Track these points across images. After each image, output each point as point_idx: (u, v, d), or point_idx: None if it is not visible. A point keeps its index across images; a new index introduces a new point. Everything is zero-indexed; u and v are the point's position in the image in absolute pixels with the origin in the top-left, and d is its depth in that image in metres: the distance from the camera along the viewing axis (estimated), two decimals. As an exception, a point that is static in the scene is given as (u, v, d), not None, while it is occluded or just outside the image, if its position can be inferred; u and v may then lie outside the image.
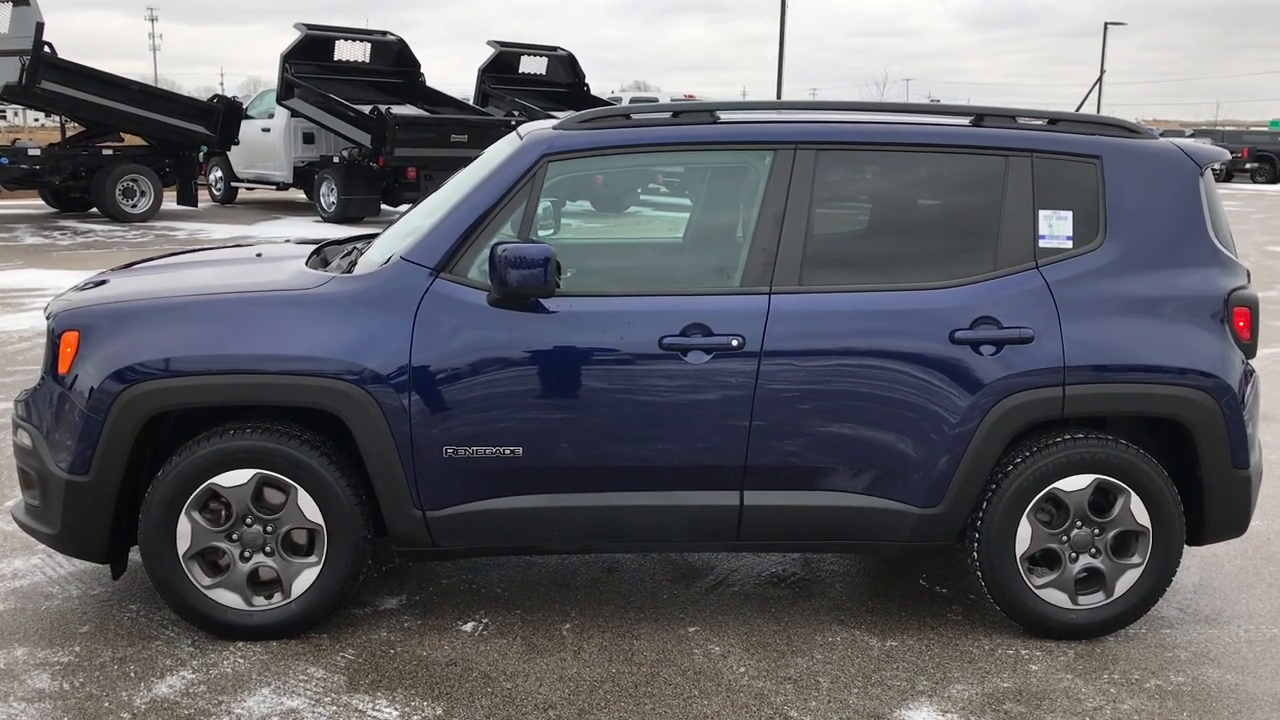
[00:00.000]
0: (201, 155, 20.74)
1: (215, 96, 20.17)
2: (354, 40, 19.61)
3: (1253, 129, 48.92)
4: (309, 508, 3.85)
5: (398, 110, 18.27)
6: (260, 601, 3.91)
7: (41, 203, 20.22)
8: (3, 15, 16.83)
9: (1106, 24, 58.69)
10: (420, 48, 20.42)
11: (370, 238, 4.78)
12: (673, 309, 3.87)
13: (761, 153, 4.04)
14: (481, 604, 4.31)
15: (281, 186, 21.02)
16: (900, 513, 3.95)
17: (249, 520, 3.85)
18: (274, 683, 3.68)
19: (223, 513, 3.86)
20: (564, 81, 22.67)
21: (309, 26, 19.18)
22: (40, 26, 16.37)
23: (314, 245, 4.83)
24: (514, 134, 4.32)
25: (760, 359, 3.83)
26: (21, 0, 16.58)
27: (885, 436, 3.90)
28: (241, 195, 23.03)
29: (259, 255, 4.79)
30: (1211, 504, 4.05)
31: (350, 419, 3.78)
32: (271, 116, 20.30)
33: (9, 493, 5.32)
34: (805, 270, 3.91)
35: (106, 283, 4.35)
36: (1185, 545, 4.09)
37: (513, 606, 4.28)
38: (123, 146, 19.20)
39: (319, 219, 19.11)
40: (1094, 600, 4.05)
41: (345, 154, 18.86)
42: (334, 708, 3.54)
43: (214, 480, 3.81)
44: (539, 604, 4.31)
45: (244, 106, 20.20)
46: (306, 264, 4.33)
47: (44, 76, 16.77)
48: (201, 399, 3.81)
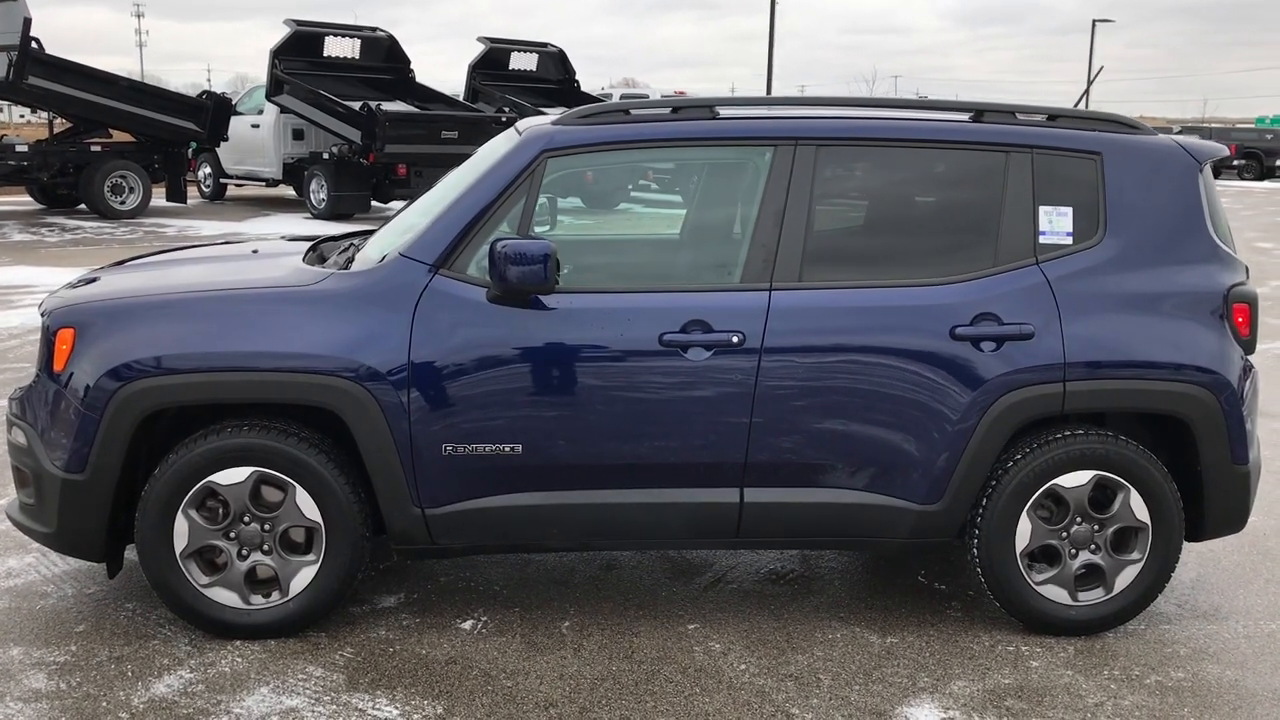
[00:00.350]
0: (190, 151, 20.66)
1: (204, 93, 20.08)
2: (343, 36, 19.54)
3: (1240, 126, 49.07)
4: (307, 506, 3.82)
5: (388, 106, 18.23)
6: (258, 600, 3.89)
7: (29, 199, 20.10)
8: (-11, 11, 16.74)
9: (1095, 21, 58.89)
10: (408, 44, 20.38)
11: (367, 234, 4.76)
12: (673, 305, 3.85)
13: (762, 149, 4.02)
14: (480, 602, 4.29)
15: (271, 183, 20.94)
16: (900, 509, 3.95)
17: (247, 518, 3.83)
18: (273, 682, 3.66)
19: (220, 511, 3.84)
20: (554, 78, 22.65)
21: (298, 23, 19.11)
22: (28, 22, 16.28)
23: (310, 241, 4.80)
24: (512, 130, 4.31)
25: (761, 355, 3.82)
26: (8, -4, 16.50)
27: (886, 433, 3.89)
28: (231, 192, 22.94)
29: (255, 252, 4.76)
30: (1211, 500, 4.05)
31: (349, 416, 3.75)
32: (261, 113, 20.21)
33: (3, 491, 5.27)
34: (806, 266, 3.90)
35: (98, 280, 4.31)
36: (1184, 541, 4.09)
37: (512, 604, 4.27)
38: (111, 143, 19.09)
39: (309, 215, 19.05)
40: (1094, 596, 4.05)
41: (335, 150, 18.80)
42: (334, 707, 3.52)
43: (211, 478, 3.78)
44: (538, 602, 4.30)
45: (233, 103, 20.11)
46: (303, 260, 4.31)
47: (31, 72, 16.69)
48: (199, 396, 3.78)
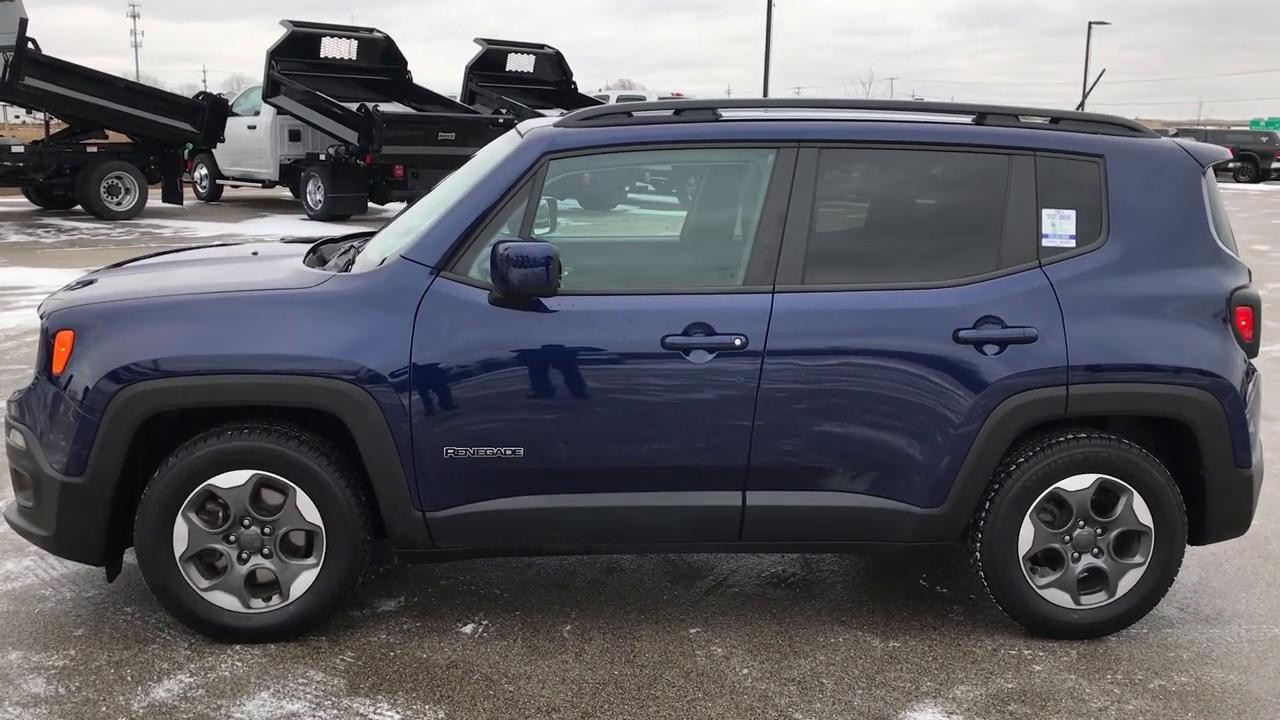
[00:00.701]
0: (187, 153, 20.62)
1: (201, 93, 20.03)
2: (340, 37, 19.51)
3: (1235, 128, 49.15)
4: (307, 509, 3.80)
5: (385, 108, 18.20)
6: (258, 604, 3.87)
7: (25, 200, 20.05)
8: (-14, 12, 16.70)
9: (1091, 24, 58.92)
10: (404, 45, 20.33)
11: (367, 236, 4.74)
12: (675, 308, 3.84)
13: (764, 151, 4.01)
14: (481, 605, 4.27)
15: (267, 184, 20.91)
16: (903, 513, 3.94)
17: (247, 522, 3.81)
18: (273, 686, 3.64)
19: (220, 514, 3.82)
20: (551, 79, 22.63)
21: (295, 24, 19.07)
22: (24, 23, 16.25)
23: (310, 243, 4.78)
24: (513, 132, 4.29)
25: (763, 358, 3.81)
26: (5, -3, 16.46)
27: (888, 436, 3.88)
28: (227, 193, 22.90)
29: (255, 254, 4.74)
30: (1213, 503, 4.05)
31: (349, 419, 3.74)
32: (257, 114, 20.17)
33: (2, 494, 5.26)
34: (808, 269, 3.89)
35: (96, 282, 4.29)
36: (1187, 545, 4.09)
37: (513, 608, 4.25)
38: (107, 144, 19.05)
39: (305, 217, 19.02)
40: (1096, 600, 4.04)
41: (332, 151, 18.78)
42: (334, 711, 3.50)
43: (211, 481, 3.76)
44: (539, 605, 4.28)
45: (229, 104, 20.08)
46: (304, 262, 4.29)
47: (28, 73, 16.65)
48: (199, 399, 3.76)
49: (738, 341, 3.80)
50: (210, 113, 18.87)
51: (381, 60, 20.17)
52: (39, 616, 4.11)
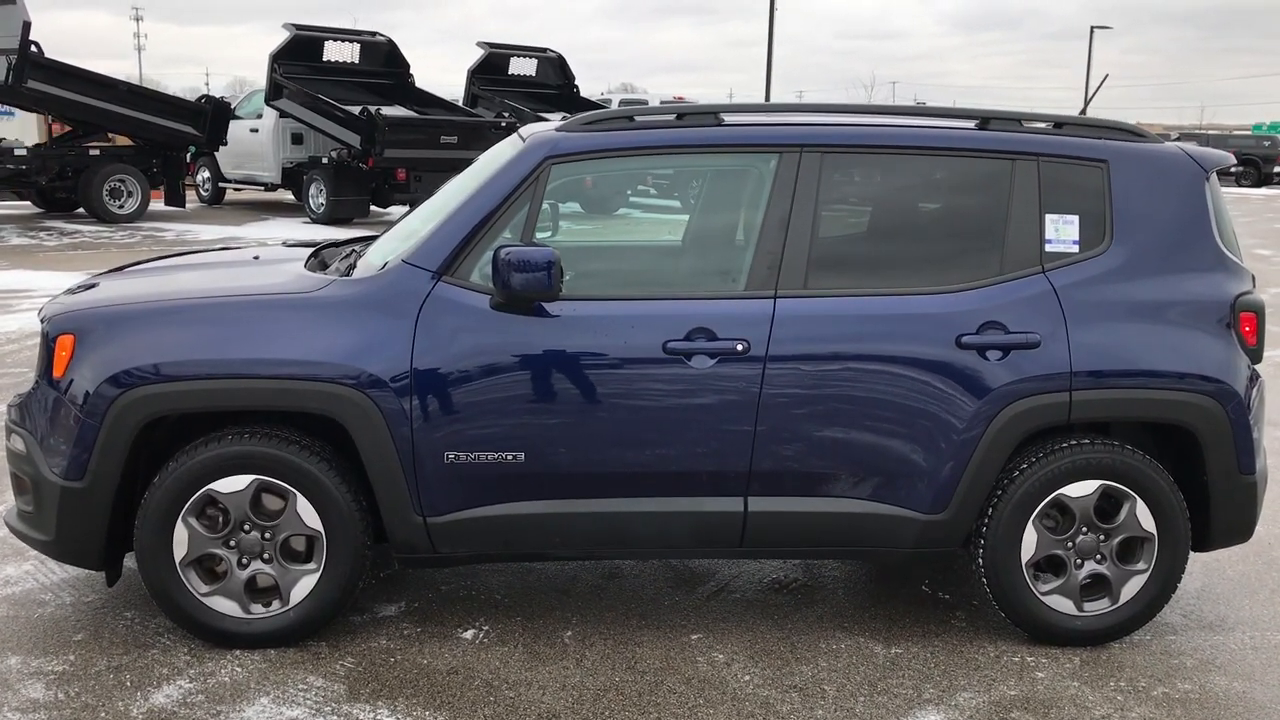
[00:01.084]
0: (189, 156, 20.62)
1: (203, 97, 20.05)
2: (343, 41, 19.53)
3: (1237, 133, 49.11)
4: (308, 514, 3.79)
5: (387, 111, 18.19)
6: (258, 609, 3.86)
7: (28, 203, 20.06)
8: (-11, 15, 16.71)
9: (1093, 28, 58.86)
10: (407, 48, 20.34)
11: (369, 240, 4.73)
12: (677, 313, 3.83)
13: (767, 155, 4.00)
14: (482, 611, 4.26)
15: (270, 187, 20.92)
16: (905, 519, 3.92)
17: (247, 527, 3.80)
18: (273, 692, 3.62)
19: (220, 519, 3.80)
20: (554, 83, 22.63)
21: (298, 27, 19.09)
22: (27, 26, 16.25)
23: (311, 248, 4.77)
24: (515, 136, 4.28)
25: (765, 363, 3.80)
26: (7, 0, 16.46)
27: (891, 442, 3.87)
28: (229, 196, 22.92)
29: (256, 258, 4.73)
30: (1217, 509, 4.03)
31: (350, 424, 3.73)
32: (260, 117, 20.20)
33: (1, 498, 5.24)
34: (811, 274, 3.88)
35: (98, 286, 4.28)
36: (1190, 551, 4.07)
37: (513, 613, 4.24)
38: (110, 147, 19.07)
39: (307, 220, 19.02)
40: (1099, 606, 4.03)
41: (334, 155, 18.78)
42: (334, 717, 3.49)
43: (212, 486, 3.75)
44: (540, 611, 4.27)
45: (232, 107, 20.09)
46: (305, 267, 4.28)
47: (30, 76, 16.65)
48: (199, 404, 3.75)
49: (740, 346, 3.79)
50: (213, 116, 18.88)
51: (384, 63, 20.18)
52: (39, 621, 4.10)
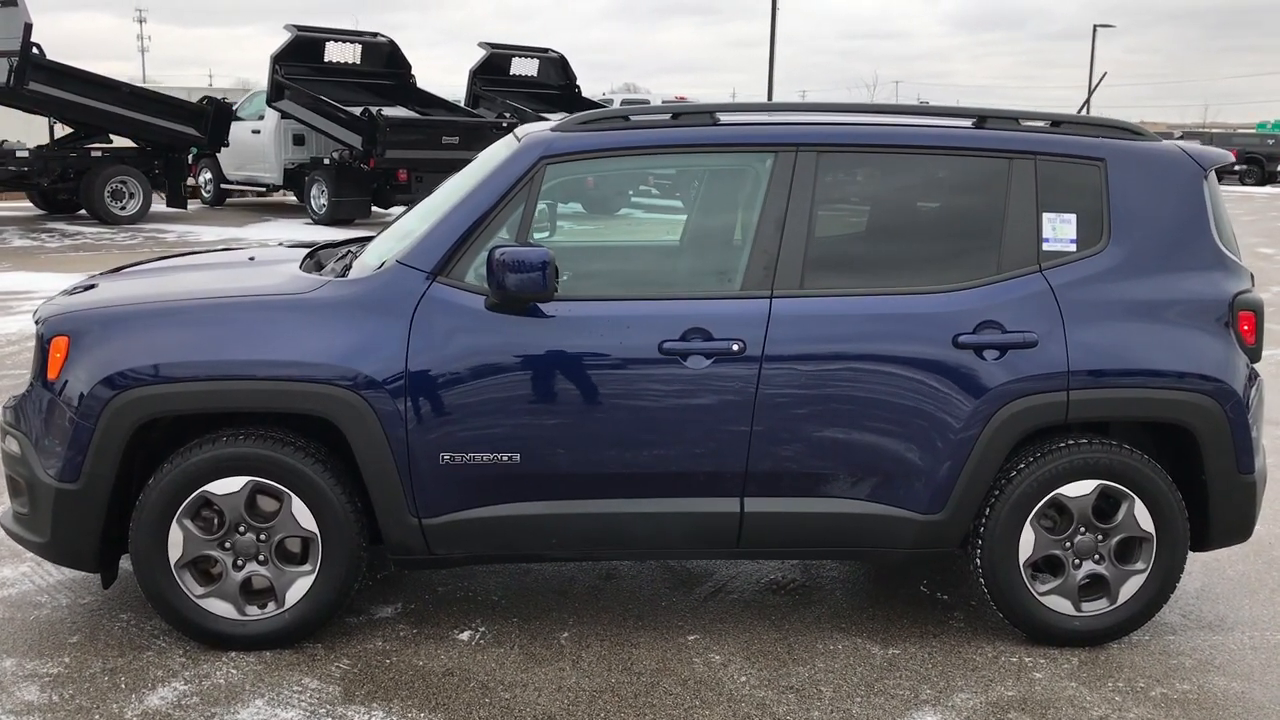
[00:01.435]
0: (191, 157, 20.63)
1: (205, 98, 20.05)
2: (344, 42, 19.52)
3: (1241, 131, 49.03)
4: (303, 515, 3.78)
5: (388, 112, 18.19)
6: (253, 611, 3.85)
7: (29, 204, 20.08)
8: (-9, 17, 16.72)
9: (1095, 27, 58.87)
10: (408, 49, 20.35)
11: (365, 241, 4.72)
12: (672, 313, 3.82)
13: (762, 155, 3.99)
14: (478, 612, 4.25)
15: (271, 188, 20.93)
16: (903, 519, 3.91)
17: (242, 528, 3.79)
18: (268, 694, 3.61)
19: (215, 521, 3.80)
20: (555, 83, 22.60)
21: (299, 28, 19.09)
22: (28, 28, 16.26)
23: (307, 249, 4.77)
24: (511, 136, 4.27)
25: (761, 364, 3.78)
26: (9, 1, 16.47)
27: (888, 442, 3.85)
28: (231, 197, 22.91)
29: (252, 259, 4.73)
30: (1216, 509, 4.01)
31: (345, 425, 3.72)
32: (261, 118, 20.20)
33: (-3, 499, 5.24)
34: (807, 274, 3.87)
35: (95, 287, 4.28)
36: (1189, 551, 4.05)
37: (510, 615, 4.23)
38: (111, 148, 19.06)
39: (309, 221, 19.03)
40: (1098, 607, 4.01)
41: (336, 156, 18.77)
42: (329, 719, 3.48)
43: (207, 488, 3.74)
44: (536, 612, 4.26)
45: (234, 108, 20.10)
46: (300, 268, 4.27)
47: (32, 78, 16.66)
48: (194, 405, 3.74)
49: (735, 347, 3.78)
50: (214, 117, 18.89)
51: (385, 64, 20.17)
52: (34, 623, 4.09)
